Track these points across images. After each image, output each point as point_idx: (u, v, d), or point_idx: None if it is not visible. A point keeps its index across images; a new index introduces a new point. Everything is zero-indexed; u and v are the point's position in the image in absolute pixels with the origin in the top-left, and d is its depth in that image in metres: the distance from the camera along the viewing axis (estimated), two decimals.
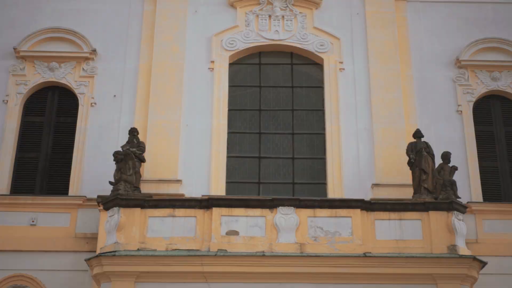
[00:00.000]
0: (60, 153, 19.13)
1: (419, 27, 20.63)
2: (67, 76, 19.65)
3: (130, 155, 17.23)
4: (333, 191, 18.65)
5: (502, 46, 20.33)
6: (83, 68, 19.71)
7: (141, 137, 18.42)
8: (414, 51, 20.29)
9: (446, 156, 17.90)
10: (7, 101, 19.30)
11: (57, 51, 19.78)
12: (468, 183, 18.81)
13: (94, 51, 19.80)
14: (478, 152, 19.27)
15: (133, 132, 18.11)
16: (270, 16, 20.50)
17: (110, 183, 17.04)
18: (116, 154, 17.24)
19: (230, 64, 20.07)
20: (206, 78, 19.75)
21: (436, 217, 16.57)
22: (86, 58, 19.78)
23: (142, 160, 17.83)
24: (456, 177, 17.68)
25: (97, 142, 18.96)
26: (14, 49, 19.64)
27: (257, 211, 16.53)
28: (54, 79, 19.63)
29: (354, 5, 20.77)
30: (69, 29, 20.04)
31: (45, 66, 19.67)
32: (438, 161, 17.92)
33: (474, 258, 16.16)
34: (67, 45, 19.94)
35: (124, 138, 18.33)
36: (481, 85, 19.97)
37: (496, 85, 19.98)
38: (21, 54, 19.65)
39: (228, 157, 19.15)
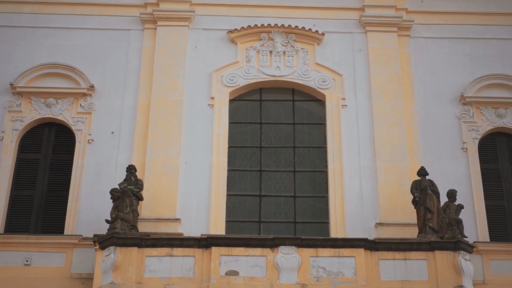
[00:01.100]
0: (56, 191, 18.98)
1: (423, 63, 20.66)
2: (64, 112, 19.60)
3: (128, 193, 17.09)
4: (336, 230, 18.47)
5: (507, 82, 20.35)
6: (80, 104, 19.68)
7: (139, 174, 18.38)
8: (417, 87, 20.29)
9: (452, 194, 17.77)
10: (2, 137, 19.23)
11: (55, 87, 19.80)
12: (475, 222, 18.63)
13: (92, 87, 19.79)
14: (484, 191, 19.13)
15: (131, 169, 18.03)
16: (271, 52, 20.54)
17: (107, 221, 16.89)
18: (113, 192, 17.10)
19: (231, 100, 20.07)
20: (206, 115, 19.72)
21: (442, 257, 16.38)
22: (84, 94, 19.76)
23: (140, 198, 17.69)
24: (462, 215, 17.53)
25: (94, 179, 18.82)
26: (11, 85, 19.64)
27: (258, 251, 16.34)
28: (50, 115, 19.59)
29: (356, 41, 20.83)
30: (67, 64, 20.07)
31: (42, 102, 19.64)
32: (443, 199, 17.81)
33: None
34: (65, 81, 19.95)
35: (121, 175, 18.22)
36: (487, 122, 19.91)
37: (502, 122, 19.91)
38: (18, 90, 19.64)
39: (228, 195, 19.02)
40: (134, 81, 20.06)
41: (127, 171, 17.99)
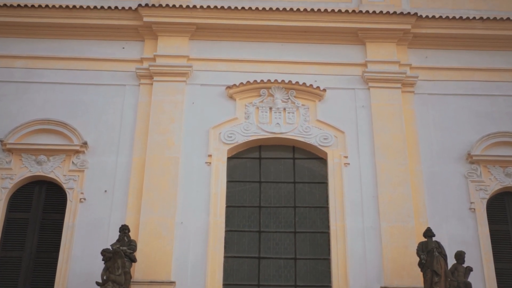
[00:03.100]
0: (45, 252, 18.75)
1: (428, 120, 20.63)
2: (55, 170, 19.51)
3: (120, 254, 16.90)
4: None
5: None
6: (72, 162, 19.60)
7: (132, 235, 18.21)
8: (423, 145, 20.22)
9: (460, 256, 17.58)
10: None
11: (46, 143, 19.73)
12: (484, 285, 18.34)
13: (85, 143, 19.74)
14: (493, 253, 18.85)
15: (124, 229, 17.87)
16: (271, 108, 20.56)
17: (97, 283, 16.68)
18: (104, 253, 16.94)
19: (229, 158, 19.98)
20: (203, 173, 19.61)
21: None
22: (77, 151, 19.70)
23: (133, 259, 17.49)
24: (470, 279, 17.31)
25: (85, 240, 18.60)
26: (1, 141, 19.60)
27: None
28: (41, 173, 19.47)
29: (359, 98, 20.86)
30: (60, 121, 20.06)
31: (32, 160, 19.56)
32: (450, 261, 17.59)
33: None
34: (57, 137, 19.92)
35: (114, 236, 18.05)
36: (495, 182, 19.77)
37: (511, 181, 19.78)
38: (8, 146, 19.58)
39: (225, 257, 18.78)
40: (129, 138, 20.01)
41: (120, 231, 17.82)
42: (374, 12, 21.62)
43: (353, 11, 21.85)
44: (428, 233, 18.00)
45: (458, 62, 21.54)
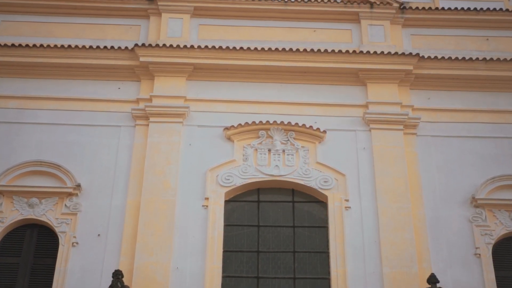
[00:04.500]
0: None
1: (431, 163, 20.54)
2: (47, 213, 19.34)
3: None
4: None
5: None
6: (65, 205, 19.45)
7: (126, 281, 17.95)
8: (426, 188, 20.10)
9: None
10: None
11: (38, 185, 19.61)
12: None
13: (78, 186, 19.61)
14: None
15: (117, 275, 17.55)
16: (270, 150, 20.48)
17: None
18: None
19: (226, 201, 19.83)
20: (200, 216, 19.44)
21: None
22: (69, 194, 19.55)
23: None
24: None
25: (77, 285, 18.35)
26: None
27: None
28: (33, 216, 19.29)
29: (360, 140, 20.80)
30: (53, 162, 19.95)
31: (24, 202, 19.41)
32: None
33: None
34: (50, 179, 19.80)
35: (107, 281, 17.82)
36: (500, 226, 19.61)
37: None
38: None
39: None
40: (124, 180, 19.89)
41: (113, 277, 17.46)
42: (375, 52, 21.69)
43: (354, 51, 21.93)
44: (432, 280, 17.74)
45: (461, 104, 21.54)
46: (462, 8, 23.15)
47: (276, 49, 21.63)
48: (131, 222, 19.22)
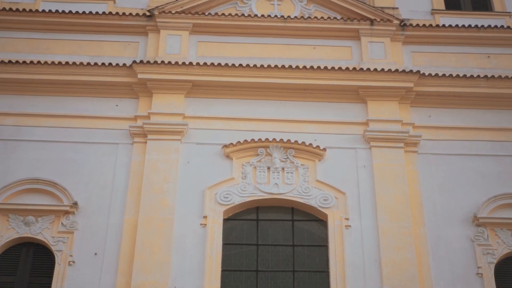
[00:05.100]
0: None
1: (432, 181, 20.49)
2: (43, 231, 19.22)
3: None
4: None
5: None
6: (62, 223, 19.34)
7: None
8: (427, 207, 20.03)
9: None
10: None
11: (35, 203, 19.52)
12: None
13: (75, 204, 19.51)
14: None
15: None
16: (269, 168, 20.41)
17: None
18: None
19: (225, 220, 19.74)
20: (198, 235, 19.34)
21: None
22: (66, 212, 19.45)
23: None
24: None
25: None
26: None
27: None
28: (29, 235, 19.16)
29: (360, 157, 20.74)
30: (49, 180, 19.87)
31: (20, 220, 19.30)
32: None
33: None
34: (46, 197, 19.71)
35: None
36: (503, 245, 19.52)
37: None
38: None
39: None
40: (121, 198, 19.80)
41: None
42: (375, 69, 21.67)
43: (354, 68, 21.92)
44: None
45: (463, 121, 21.52)
46: (463, 25, 23.18)
47: (276, 66, 21.61)
48: (129, 241, 19.11)
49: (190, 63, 21.64)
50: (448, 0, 24.80)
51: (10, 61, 21.45)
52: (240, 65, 21.59)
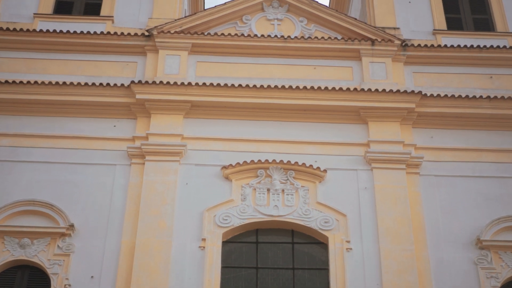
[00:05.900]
0: None
1: (434, 203, 20.40)
2: (39, 254, 19.11)
3: None
4: None
5: None
6: (58, 245, 19.22)
7: None
8: (429, 229, 19.92)
9: None
10: None
11: (30, 225, 19.38)
12: None
13: (71, 226, 19.40)
14: None
15: None
16: (268, 189, 20.32)
17: None
18: None
19: (224, 242, 19.63)
20: (196, 258, 19.22)
21: None
22: (62, 234, 19.33)
23: None
24: None
25: None
26: None
27: None
28: (24, 257, 19.05)
29: (361, 179, 20.65)
30: (46, 202, 19.77)
31: (15, 243, 19.19)
32: None
33: None
34: (42, 219, 19.59)
35: None
36: (506, 268, 19.41)
37: None
38: None
39: None
40: (118, 221, 19.69)
41: None
42: (376, 90, 21.61)
43: (355, 89, 21.86)
44: None
45: (465, 143, 21.44)
46: (465, 46, 23.14)
47: (276, 87, 21.56)
48: (126, 264, 19.00)
49: (189, 83, 21.60)
50: (450, 20, 24.74)
51: (7, 81, 21.42)
52: (240, 85, 21.54)
